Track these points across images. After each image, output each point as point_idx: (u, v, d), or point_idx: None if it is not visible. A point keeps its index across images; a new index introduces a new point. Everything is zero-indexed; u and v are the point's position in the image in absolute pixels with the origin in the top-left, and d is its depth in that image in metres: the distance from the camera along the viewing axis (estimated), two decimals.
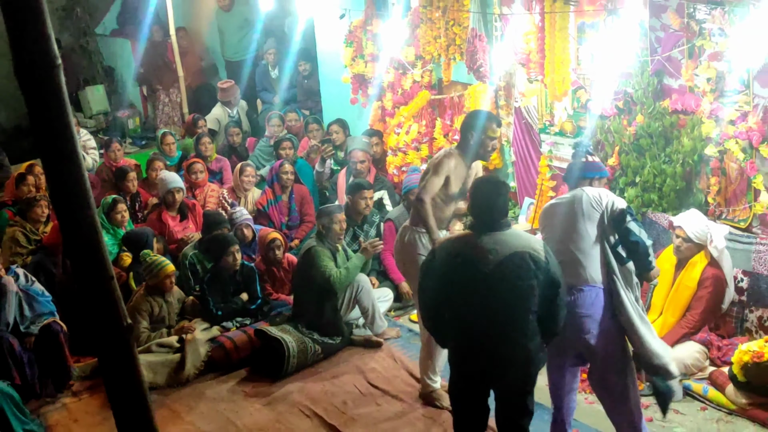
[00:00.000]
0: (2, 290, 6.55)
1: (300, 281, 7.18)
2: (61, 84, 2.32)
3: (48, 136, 2.35)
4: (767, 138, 6.27)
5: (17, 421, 6.05)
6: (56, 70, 2.32)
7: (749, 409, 5.77)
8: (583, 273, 4.94)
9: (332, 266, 6.88)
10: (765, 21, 6.01)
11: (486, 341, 4.68)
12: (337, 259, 7.02)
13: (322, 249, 6.95)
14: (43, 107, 2.33)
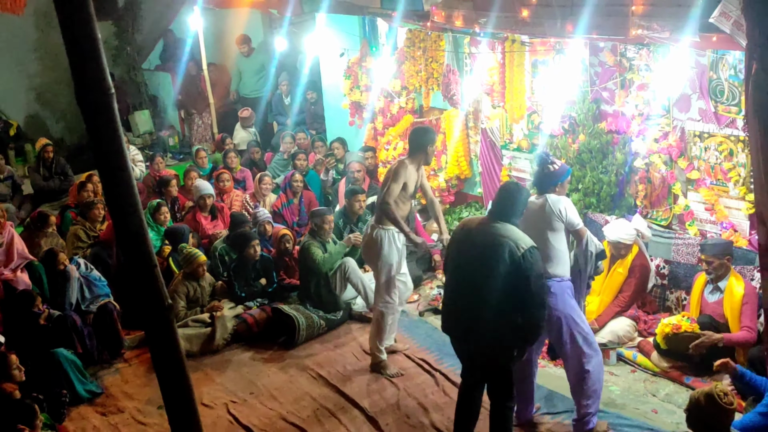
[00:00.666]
0: (66, 276, 6.55)
1: (302, 270, 7.19)
2: (114, 109, 2.31)
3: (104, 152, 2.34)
4: (684, 153, 6.29)
5: (79, 382, 6.05)
6: (110, 98, 2.30)
7: (669, 371, 5.80)
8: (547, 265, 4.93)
9: (319, 253, 6.93)
10: (681, 59, 6.04)
11: (462, 303, 4.76)
12: (327, 249, 7.03)
13: (312, 242, 7.01)
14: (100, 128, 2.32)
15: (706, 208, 6.23)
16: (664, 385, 5.74)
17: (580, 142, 6.95)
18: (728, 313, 5.63)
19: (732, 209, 6.06)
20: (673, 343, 5.72)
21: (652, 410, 5.45)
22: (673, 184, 6.40)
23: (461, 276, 4.78)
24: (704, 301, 5.83)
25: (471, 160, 8.62)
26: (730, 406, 3.85)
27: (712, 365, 5.65)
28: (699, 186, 6.23)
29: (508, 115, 7.82)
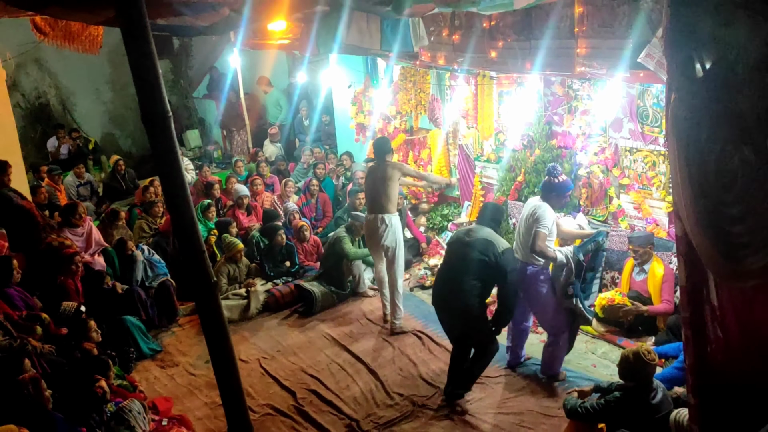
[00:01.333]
0: (133, 259, 6.55)
1: (327, 255, 7.14)
2: (171, 128, 2.31)
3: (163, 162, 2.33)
4: (617, 164, 6.29)
5: (143, 342, 6.06)
6: (168, 120, 2.30)
7: (605, 334, 5.81)
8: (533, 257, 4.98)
9: (350, 245, 6.94)
10: (615, 90, 6.04)
11: (446, 281, 4.91)
12: (353, 244, 7.02)
13: (346, 236, 6.98)
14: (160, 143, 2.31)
15: (634, 207, 6.24)
16: (601, 345, 5.75)
17: (536, 155, 6.95)
18: (651, 290, 5.64)
19: (655, 208, 6.07)
20: (608, 313, 5.73)
21: (591, 365, 5.47)
22: (608, 188, 6.40)
23: (450, 270, 4.93)
24: (632, 280, 5.83)
25: (450, 169, 8.62)
26: (653, 361, 3.88)
27: (639, 330, 5.70)
28: (629, 190, 6.24)
29: (479, 133, 7.83)
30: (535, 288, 5.03)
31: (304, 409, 5.15)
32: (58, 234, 6.45)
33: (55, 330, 5.32)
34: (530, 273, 5.02)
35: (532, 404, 5.02)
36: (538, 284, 5.03)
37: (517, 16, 5.87)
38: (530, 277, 5.03)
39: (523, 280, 5.05)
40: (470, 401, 5.09)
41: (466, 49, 6.46)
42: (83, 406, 4.18)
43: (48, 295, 5.76)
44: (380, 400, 5.22)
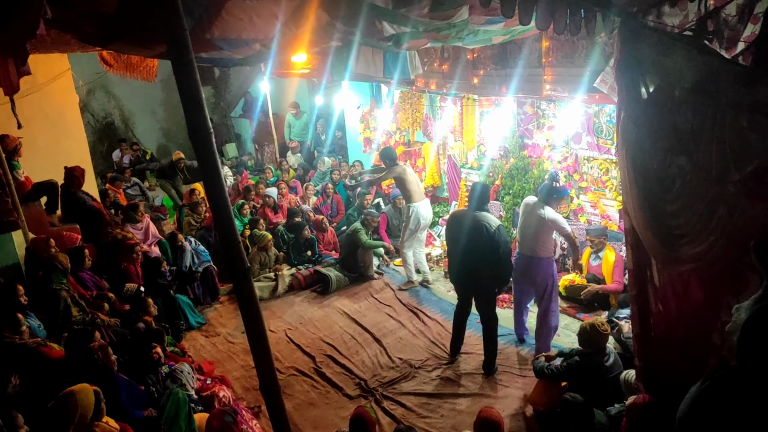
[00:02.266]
0: (183, 249, 6.54)
1: (344, 244, 7.10)
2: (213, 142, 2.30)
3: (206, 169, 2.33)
4: (577, 170, 6.27)
5: (191, 316, 6.05)
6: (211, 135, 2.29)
7: (567, 309, 5.78)
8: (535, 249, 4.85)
9: (365, 236, 6.90)
10: (575, 110, 6.01)
11: (463, 262, 4.78)
12: (367, 235, 6.99)
13: (362, 229, 6.93)
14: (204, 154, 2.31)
15: (591, 205, 6.21)
16: (564, 318, 5.70)
17: (511, 163, 6.93)
18: (605, 273, 5.62)
19: (608, 206, 6.05)
20: (569, 291, 5.72)
21: (556, 335, 5.45)
22: (570, 190, 6.38)
23: (457, 247, 4.79)
24: (590, 264, 5.82)
25: (441, 175, 8.61)
26: (606, 332, 3.89)
27: (595, 306, 5.68)
28: (587, 191, 6.22)
29: (464, 145, 7.80)
30: (547, 276, 4.86)
31: (322, 371, 5.15)
32: (122, 228, 6.47)
33: (119, 307, 5.34)
34: (544, 264, 4.84)
35: (508, 367, 5.01)
36: (550, 272, 4.87)
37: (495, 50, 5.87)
38: (545, 268, 4.84)
39: (534, 270, 4.85)
40: (458, 366, 5.08)
41: (453, 77, 6.45)
42: (142, 368, 4.19)
43: (113, 278, 5.77)
44: (384, 364, 5.22)
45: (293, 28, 3.32)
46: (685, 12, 2.65)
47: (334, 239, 7.73)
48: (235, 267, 2.46)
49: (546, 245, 4.85)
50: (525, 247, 4.90)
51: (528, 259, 4.89)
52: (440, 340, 5.52)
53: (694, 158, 2.10)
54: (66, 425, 3.03)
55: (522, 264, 4.94)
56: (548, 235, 4.83)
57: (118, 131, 11.99)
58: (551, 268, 4.91)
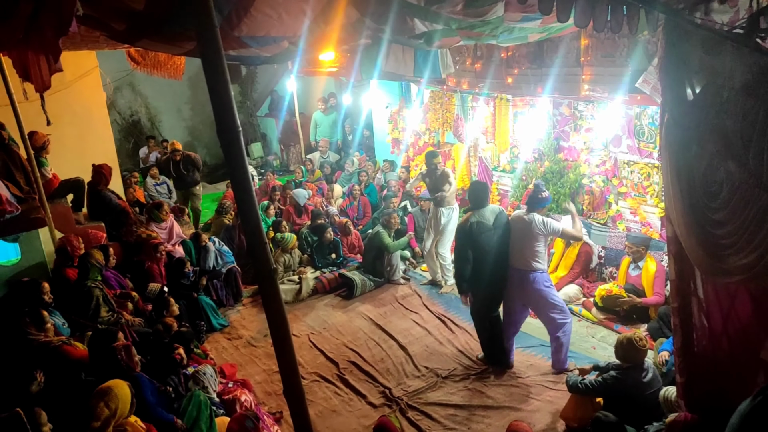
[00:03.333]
0: (207, 249, 6.64)
1: (368, 248, 7.13)
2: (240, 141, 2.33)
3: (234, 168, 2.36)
4: (616, 174, 6.17)
5: (214, 318, 6.14)
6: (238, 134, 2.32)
7: (604, 321, 5.69)
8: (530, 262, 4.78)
9: (388, 238, 6.91)
10: (616, 111, 5.93)
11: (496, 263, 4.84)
12: (390, 236, 7.00)
13: (384, 232, 6.93)
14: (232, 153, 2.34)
15: (631, 212, 6.11)
16: (600, 330, 5.64)
17: (546, 167, 6.86)
18: (645, 283, 5.51)
19: (649, 213, 5.94)
20: (606, 302, 5.63)
21: (591, 347, 5.37)
22: (608, 196, 6.28)
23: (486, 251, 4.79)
24: (628, 274, 5.71)
25: (472, 178, 8.57)
26: (644, 347, 3.82)
27: (633, 318, 5.58)
28: (626, 197, 6.11)
29: (497, 147, 7.75)
30: (541, 290, 4.78)
31: (346, 377, 5.17)
32: (146, 227, 6.61)
33: (142, 306, 5.46)
34: (537, 277, 4.74)
35: (539, 379, 4.95)
36: (544, 286, 4.80)
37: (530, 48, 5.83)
38: (538, 282, 4.75)
39: (527, 286, 4.78)
40: (487, 376, 5.05)
41: (486, 76, 6.43)
42: (165, 369, 4.27)
43: (137, 277, 5.90)
44: (409, 372, 5.21)
45: (322, 25, 3.35)
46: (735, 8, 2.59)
47: (359, 242, 7.76)
48: (260, 268, 2.49)
49: (539, 256, 4.76)
50: (518, 261, 4.80)
51: (522, 273, 4.78)
52: (468, 350, 5.48)
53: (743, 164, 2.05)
54: (108, 420, 3.12)
55: (517, 278, 4.82)
56: (540, 244, 4.74)
57: (144, 129, 12.28)
58: (547, 281, 4.83)
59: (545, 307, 4.84)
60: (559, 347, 4.94)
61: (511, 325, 5.07)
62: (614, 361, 4.05)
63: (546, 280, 4.84)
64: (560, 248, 6.38)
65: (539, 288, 4.78)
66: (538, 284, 4.77)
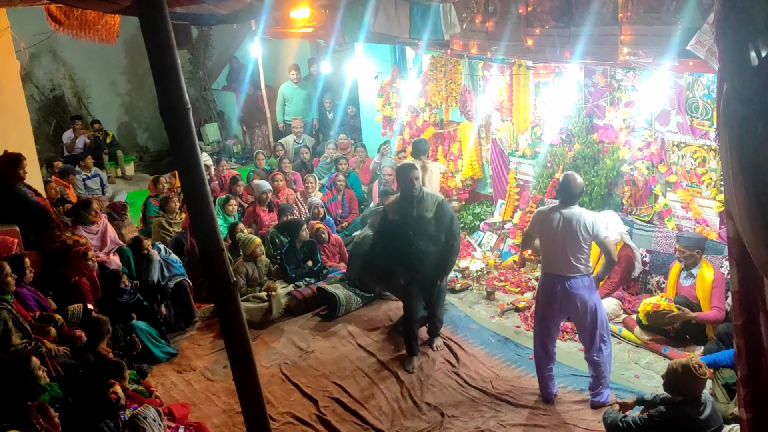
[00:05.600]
0: (150, 259, 6.63)
1: (354, 255, 7.10)
2: (190, 121, 2.33)
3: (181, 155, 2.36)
4: (664, 159, 6.22)
5: (155, 347, 6.09)
6: (187, 112, 2.32)
7: (649, 343, 5.73)
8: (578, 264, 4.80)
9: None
10: (662, 81, 5.96)
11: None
12: None
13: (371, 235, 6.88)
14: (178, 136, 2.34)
15: (682, 206, 6.15)
16: (645, 354, 5.68)
17: (576, 151, 6.90)
18: (700, 296, 5.55)
19: (704, 207, 5.99)
20: (652, 319, 5.66)
21: (634, 376, 5.40)
22: (654, 186, 6.33)
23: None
24: (679, 284, 5.75)
25: (483, 165, 8.60)
26: (704, 376, 3.83)
27: (686, 339, 5.62)
28: (676, 188, 6.16)
29: (514, 127, 7.79)
30: (593, 297, 4.85)
31: (326, 418, 5.16)
32: (72, 232, 6.56)
33: (68, 331, 5.41)
34: (589, 283, 4.83)
35: (569, 417, 4.97)
36: (596, 291, 4.89)
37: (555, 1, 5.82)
38: (590, 287, 4.84)
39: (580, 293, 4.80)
40: (503, 414, 5.07)
41: (500, 37, 6.42)
42: (97, 412, 4.24)
43: (62, 295, 5.86)
44: (407, 410, 5.21)
45: None
46: None
47: (341, 248, 7.75)
48: (217, 281, 2.48)
49: (588, 255, 4.87)
50: (562, 266, 4.84)
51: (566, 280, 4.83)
52: (479, 381, 5.50)
53: None
54: None
55: (560, 287, 4.85)
56: (588, 243, 4.84)
57: (69, 107, 12.20)
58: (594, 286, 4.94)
59: (594, 320, 4.86)
60: (601, 375, 4.96)
61: (547, 351, 5.09)
62: (663, 394, 4.07)
63: (594, 285, 4.91)
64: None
65: (592, 293, 4.84)
66: (593, 288, 4.86)
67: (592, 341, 4.92)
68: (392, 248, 5.61)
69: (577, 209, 4.82)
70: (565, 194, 4.87)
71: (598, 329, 4.89)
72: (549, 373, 5.15)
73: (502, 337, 6.18)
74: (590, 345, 4.94)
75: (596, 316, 4.87)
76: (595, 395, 5.03)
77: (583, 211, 4.82)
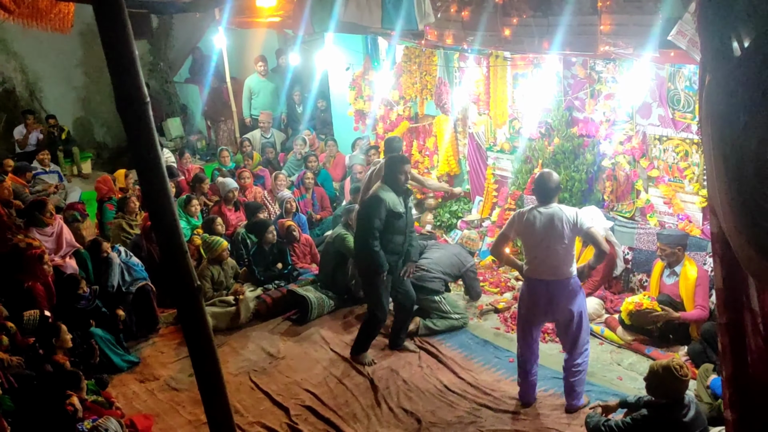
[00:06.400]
0: (109, 262, 6.54)
1: (326, 255, 7.11)
2: (149, 116, 2.30)
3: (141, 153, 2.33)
4: (645, 154, 6.29)
5: (116, 355, 6.04)
6: (146, 107, 2.30)
7: (632, 343, 5.81)
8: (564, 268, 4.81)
9: (352, 241, 6.77)
10: (643, 72, 6.03)
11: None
12: None
13: (347, 234, 6.86)
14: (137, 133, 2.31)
15: (664, 201, 6.24)
16: (628, 355, 5.75)
17: (555, 145, 6.96)
18: (683, 294, 5.63)
19: (687, 203, 6.07)
20: (635, 319, 5.72)
21: (617, 377, 5.47)
22: (636, 181, 6.40)
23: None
24: (662, 283, 5.82)
25: (459, 160, 8.63)
26: (685, 377, 3.87)
27: (670, 339, 5.69)
28: (658, 183, 6.24)
29: (492, 121, 7.83)
30: (579, 302, 4.88)
31: (299, 428, 5.14)
32: (26, 234, 6.45)
33: (22, 340, 5.32)
34: (573, 283, 4.84)
35: (551, 421, 5.01)
36: (581, 292, 4.92)
37: None
38: (576, 287, 4.87)
39: (568, 294, 4.84)
40: (482, 420, 5.09)
41: (476, 27, 6.44)
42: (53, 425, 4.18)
43: (14, 301, 5.75)
44: (382, 417, 5.22)
45: None
46: None
47: (312, 248, 7.73)
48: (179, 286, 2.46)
49: (572, 259, 4.86)
50: (546, 270, 4.84)
51: (552, 284, 4.84)
52: (458, 385, 5.53)
53: None
54: None
55: (544, 291, 4.87)
56: (572, 243, 4.84)
57: (21, 101, 11.99)
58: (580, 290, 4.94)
59: (579, 326, 4.89)
60: (580, 379, 5.01)
61: (534, 351, 5.13)
62: (646, 396, 4.12)
63: (579, 287, 4.94)
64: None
65: (578, 297, 4.87)
66: (576, 290, 4.87)
67: (575, 346, 4.95)
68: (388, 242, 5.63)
69: (555, 206, 4.80)
70: (542, 192, 4.85)
71: (582, 336, 4.92)
72: (533, 377, 5.18)
73: (481, 339, 6.22)
74: (572, 350, 4.97)
75: (581, 323, 4.90)
76: (570, 398, 5.08)
77: (562, 207, 4.82)
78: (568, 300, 4.83)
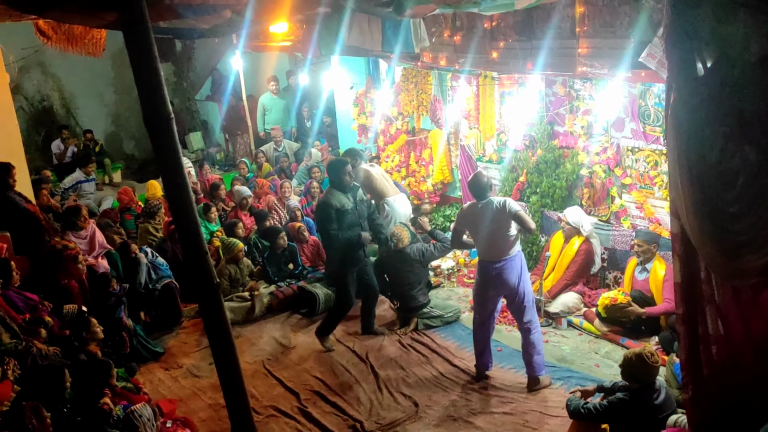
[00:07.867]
0: (138, 262, 6.54)
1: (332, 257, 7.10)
2: (173, 130, 2.31)
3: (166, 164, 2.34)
4: (619, 163, 6.29)
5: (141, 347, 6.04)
6: (170, 122, 2.30)
7: (608, 334, 5.81)
8: (505, 249, 5.04)
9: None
10: (617, 90, 6.04)
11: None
12: None
13: None
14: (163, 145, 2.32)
15: (636, 206, 6.23)
16: (604, 345, 5.75)
17: (538, 156, 6.96)
18: (653, 289, 5.63)
19: (657, 207, 6.07)
20: (610, 312, 5.72)
21: (595, 365, 5.46)
22: (611, 188, 6.40)
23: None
24: (635, 279, 5.83)
25: (452, 170, 8.64)
26: (656, 364, 3.88)
27: (642, 330, 5.68)
28: (631, 189, 6.24)
29: (481, 134, 7.83)
30: (523, 278, 5.12)
31: (308, 411, 5.14)
32: (62, 237, 6.46)
33: (59, 332, 5.32)
34: (520, 259, 5.11)
35: (535, 404, 5.01)
36: (524, 271, 5.14)
37: (518, 17, 5.87)
38: (520, 263, 5.11)
39: (513, 271, 5.08)
40: (473, 403, 5.09)
41: (467, 50, 6.46)
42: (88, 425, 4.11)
43: (52, 298, 5.76)
44: (384, 401, 5.21)
45: None
46: None
47: (319, 249, 7.72)
48: (201, 283, 2.46)
49: (513, 240, 5.09)
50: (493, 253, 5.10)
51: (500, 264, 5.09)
52: (453, 372, 5.54)
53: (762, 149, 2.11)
54: None
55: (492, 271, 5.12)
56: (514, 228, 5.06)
57: (58, 117, 12.01)
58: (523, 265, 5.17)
59: (523, 296, 5.14)
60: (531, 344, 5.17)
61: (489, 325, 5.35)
62: (621, 381, 4.12)
63: (523, 262, 5.19)
64: (556, 247, 6.46)
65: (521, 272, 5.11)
66: (523, 264, 5.14)
67: (522, 312, 5.18)
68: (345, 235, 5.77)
69: (489, 199, 5.09)
70: (477, 191, 5.15)
71: (525, 302, 5.16)
72: (486, 345, 5.38)
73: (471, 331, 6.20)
74: (521, 316, 5.20)
75: (524, 293, 5.15)
76: (531, 370, 5.18)
77: (495, 198, 5.11)
78: (512, 275, 5.08)
